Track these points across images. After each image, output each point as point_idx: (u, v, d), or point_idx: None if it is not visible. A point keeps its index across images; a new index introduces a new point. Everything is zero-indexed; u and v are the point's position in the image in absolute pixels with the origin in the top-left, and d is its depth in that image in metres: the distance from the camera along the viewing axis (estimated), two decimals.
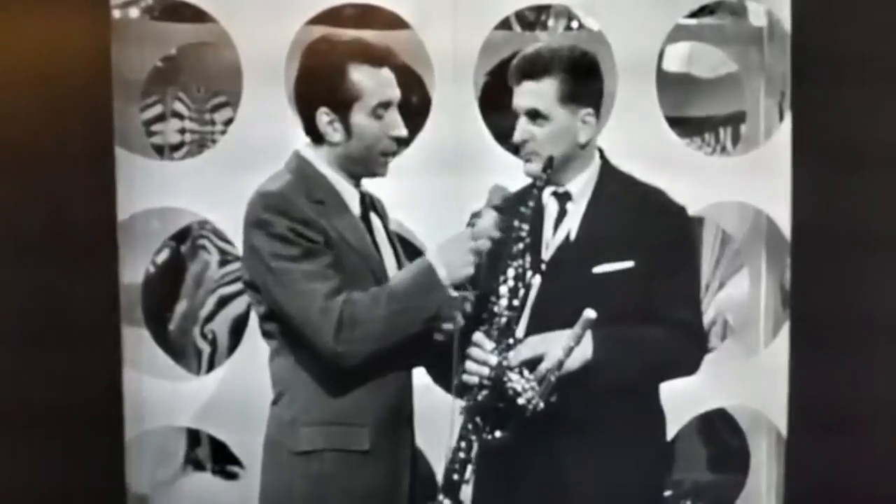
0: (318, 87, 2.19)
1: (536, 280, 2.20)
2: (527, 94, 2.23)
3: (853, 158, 3.01)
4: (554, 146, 2.22)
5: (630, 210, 2.25)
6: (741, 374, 3.39)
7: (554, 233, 2.27)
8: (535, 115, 2.22)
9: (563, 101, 2.22)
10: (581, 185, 2.27)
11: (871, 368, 3.00)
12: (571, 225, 2.26)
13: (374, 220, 2.28)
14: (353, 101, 2.16)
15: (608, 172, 2.30)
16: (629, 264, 2.20)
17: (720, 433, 4.00)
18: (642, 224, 2.23)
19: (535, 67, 2.22)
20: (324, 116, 2.18)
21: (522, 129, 2.24)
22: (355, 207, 2.23)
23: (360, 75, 2.16)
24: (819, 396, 3.05)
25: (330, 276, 2.10)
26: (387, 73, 2.20)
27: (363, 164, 2.22)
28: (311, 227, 2.12)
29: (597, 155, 2.31)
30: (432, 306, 2.12)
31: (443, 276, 2.11)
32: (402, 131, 2.22)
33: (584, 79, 2.25)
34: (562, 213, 2.27)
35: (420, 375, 2.38)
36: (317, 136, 2.21)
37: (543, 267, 2.20)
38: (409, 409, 2.27)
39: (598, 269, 2.20)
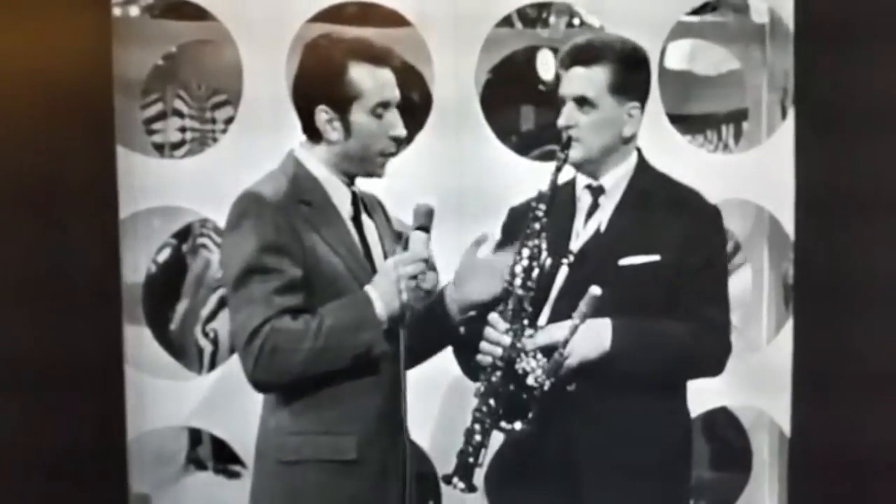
0: (318, 84, 2.17)
1: (563, 270, 2.21)
2: (576, 80, 2.23)
3: (858, 156, 3.00)
4: (597, 135, 2.23)
5: (662, 207, 2.25)
6: (743, 372, 3.38)
7: (584, 225, 2.27)
8: (582, 102, 2.22)
9: (612, 90, 2.22)
10: (615, 179, 2.28)
11: (874, 367, 2.99)
12: (602, 218, 2.27)
13: (366, 220, 2.26)
14: (353, 100, 2.14)
15: (643, 169, 2.31)
16: (655, 258, 2.19)
17: (722, 431, 3.99)
18: (673, 221, 2.23)
19: (587, 54, 2.22)
20: (323, 114, 2.16)
21: (568, 114, 2.23)
22: (345, 209, 2.21)
23: (360, 74, 2.14)
24: (822, 394, 3.04)
25: (273, 301, 2.06)
26: (387, 74, 2.18)
27: (360, 164, 2.20)
28: (282, 234, 2.08)
29: (634, 152, 2.31)
30: (362, 344, 2.08)
31: (379, 309, 2.08)
32: (402, 131, 2.19)
33: (634, 71, 2.26)
34: (594, 207, 2.28)
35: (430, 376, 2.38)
36: (314, 135, 2.19)
37: (571, 258, 2.20)
38: (400, 414, 2.20)
39: (623, 262, 2.19)
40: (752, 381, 3.36)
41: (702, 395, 3.19)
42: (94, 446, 2.96)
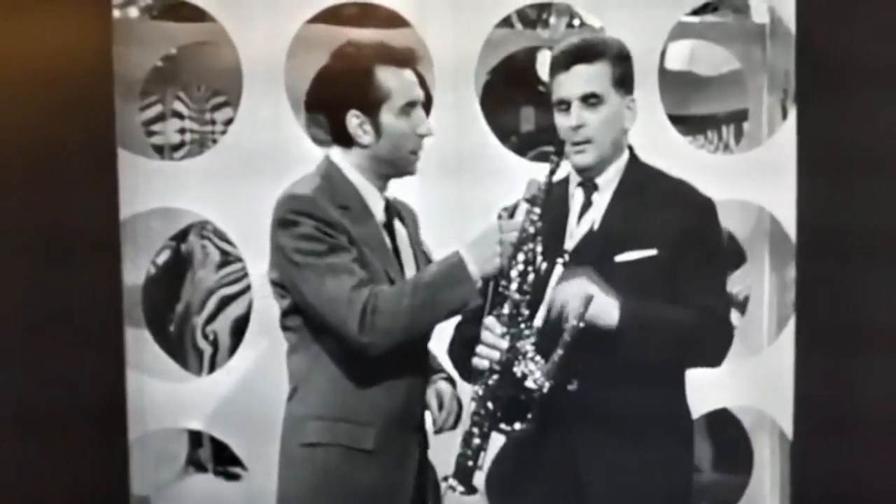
0: (347, 90, 2.21)
1: (558, 270, 2.20)
2: (579, 79, 2.22)
3: (859, 156, 2.99)
4: (608, 132, 2.23)
5: (655, 201, 2.24)
6: (744, 374, 3.38)
7: (578, 224, 2.27)
8: (590, 99, 2.22)
9: (616, 84, 2.23)
10: (608, 176, 2.28)
11: (876, 367, 2.99)
12: (596, 216, 2.26)
13: (398, 227, 2.30)
14: (382, 102, 2.20)
15: (635, 165, 2.30)
16: (651, 252, 2.19)
17: (723, 433, 3.99)
18: (667, 214, 2.22)
19: (588, 51, 2.23)
20: (354, 119, 2.21)
21: (577, 114, 2.22)
22: (379, 214, 2.26)
23: (386, 76, 2.20)
24: (824, 395, 3.03)
25: (355, 270, 2.13)
26: (410, 75, 2.24)
27: (393, 164, 2.25)
28: (336, 229, 2.15)
29: (626, 148, 2.31)
30: (458, 300, 2.14)
31: (473, 270, 2.13)
32: (430, 129, 2.26)
33: (626, 65, 2.27)
34: (587, 205, 2.27)
35: None
36: (346, 140, 2.24)
37: (567, 257, 2.20)
38: (419, 415, 2.27)
39: (620, 258, 2.19)
40: (754, 382, 3.36)
41: (703, 396, 3.19)
42: (95, 449, 2.96)
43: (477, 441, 2.11)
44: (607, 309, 2.10)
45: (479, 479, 2.14)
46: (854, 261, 3.00)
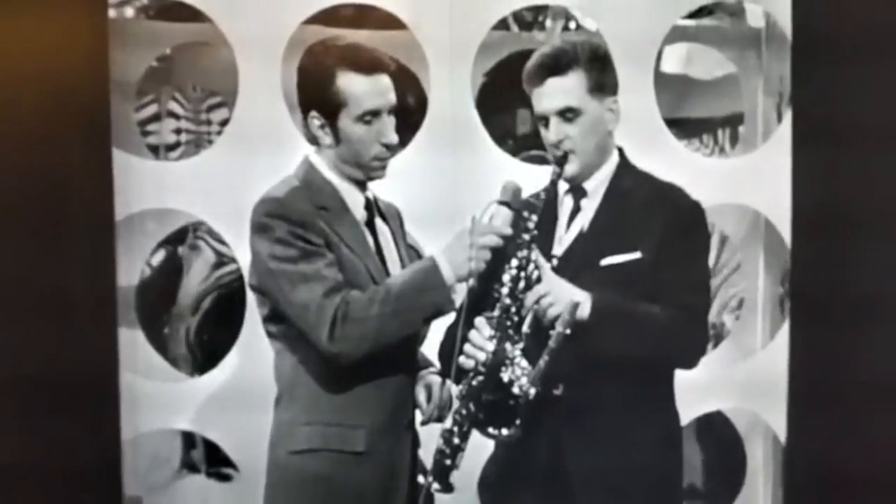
0: (311, 90, 2.21)
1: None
2: (554, 94, 2.21)
3: (854, 160, 3.00)
4: (590, 140, 2.22)
5: (643, 204, 2.24)
6: (738, 377, 3.38)
7: (567, 229, 2.26)
8: (567, 113, 2.21)
9: (592, 91, 2.21)
10: (597, 181, 2.27)
11: (872, 374, 2.99)
12: (584, 221, 2.26)
13: (381, 225, 2.29)
14: (340, 108, 2.17)
15: (625, 169, 2.30)
16: (636, 255, 2.18)
17: (717, 436, 3.99)
18: (654, 218, 2.21)
19: (560, 62, 2.21)
20: (315, 120, 2.21)
21: (557, 129, 2.21)
22: (359, 213, 2.24)
23: (346, 82, 2.17)
24: (818, 399, 3.04)
25: (328, 276, 2.11)
26: (380, 81, 2.19)
27: (358, 168, 2.23)
28: (311, 230, 2.14)
29: (615, 151, 2.30)
30: (431, 306, 2.13)
31: (446, 273, 2.11)
32: (392, 139, 2.21)
33: (604, 67, 2.25)
34: (576, 210, 2.27)
35: None
36: (315, 140, 2.24)
37: (555, 262, 2.19)
38: (410, 413, 2.26)
39: (605, 262, 2.18)
40: (748, 385, 3.37)
41: (697, 399, 3.21)
42: (88, 450, 2.95)
43: (456, 440, 2.12)
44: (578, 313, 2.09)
45: (456, 477, 2.14)
46: (849, 264, 3.01)
